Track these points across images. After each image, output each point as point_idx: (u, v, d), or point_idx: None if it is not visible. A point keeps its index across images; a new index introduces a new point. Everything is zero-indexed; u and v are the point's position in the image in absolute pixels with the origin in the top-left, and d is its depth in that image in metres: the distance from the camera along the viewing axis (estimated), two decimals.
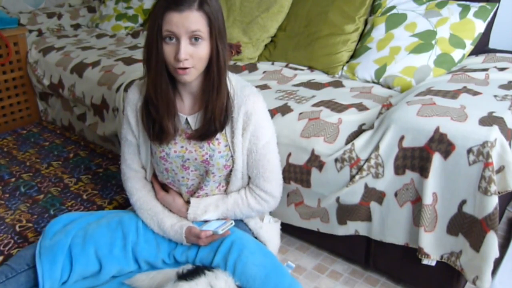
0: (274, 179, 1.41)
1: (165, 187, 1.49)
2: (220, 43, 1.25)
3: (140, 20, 3.05)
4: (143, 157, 1.46)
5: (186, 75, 1.24)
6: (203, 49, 1.23)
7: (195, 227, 1.36)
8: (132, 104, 1.40)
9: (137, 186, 1.47)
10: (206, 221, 1.41)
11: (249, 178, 1.43)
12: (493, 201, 1.22)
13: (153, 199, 1.46)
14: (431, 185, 1.31)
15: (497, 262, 1.54)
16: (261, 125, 1.34)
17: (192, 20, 1.19)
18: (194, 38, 1.21)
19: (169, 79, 1.29)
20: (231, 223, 1.35)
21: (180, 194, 1.46)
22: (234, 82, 1.36)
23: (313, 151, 1.51)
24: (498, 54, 1.87)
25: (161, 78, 1.27)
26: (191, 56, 1.22)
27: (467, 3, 1.90)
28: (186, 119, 1.36)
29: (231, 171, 1.40)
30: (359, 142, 1.43)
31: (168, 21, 1.19)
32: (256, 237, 1.45)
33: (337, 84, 1.94)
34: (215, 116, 1.29)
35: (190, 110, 1.37)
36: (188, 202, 1.43)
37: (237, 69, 2.15)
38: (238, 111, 1.32)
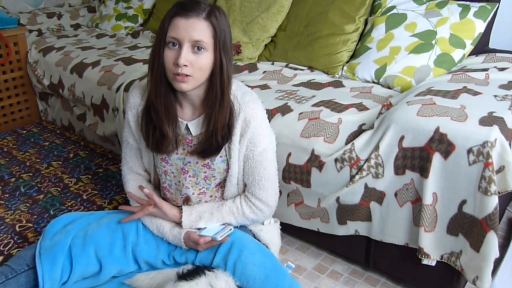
0: (269, 188, 1.38)
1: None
2: (225, 57, 1.24)
3: (140, 20, 3.05)
4: (145, 161, 1.46)
5: (184, 83, 1.22)
6: (204, 59, 1.22)
7: (193, 233, 1.34)
8: (133, 108, 1.40)
9: (137, 188, 1.47)
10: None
11: (245, 185, 1.41)
12: (493, 201, 1.22)
13: None
14: (431, 185, 1.31)
15: (497, 262, 1.54)
16: (259, 132, 1.33)
17: (197, 28, 1.19)
18: (197, 47, 1.21)
19: (170, 87, 1.29)
20: (230, 229, 1.35)
21: (175, 202, 1.45)
22: (235, 88, 1.34)
23: (313, 151, 1.51)
24: (498, 54, 1.87)
25: (160, 83, 1.27)
26: (191, 64, 1.21)
27: (467, 3, 1.90)
28: (186, 125, 1.35)
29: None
30: (359, 142, 1.43)
31: (174, 26, 1.20)
32: (257, 240, 1.44)
33: (337, 84, 1.93)
34: (217, 130, 1.28)
35: (190, 117, 1.36)
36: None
37: (237, 69, 2.15)
38: (237, 117, 1.32)
